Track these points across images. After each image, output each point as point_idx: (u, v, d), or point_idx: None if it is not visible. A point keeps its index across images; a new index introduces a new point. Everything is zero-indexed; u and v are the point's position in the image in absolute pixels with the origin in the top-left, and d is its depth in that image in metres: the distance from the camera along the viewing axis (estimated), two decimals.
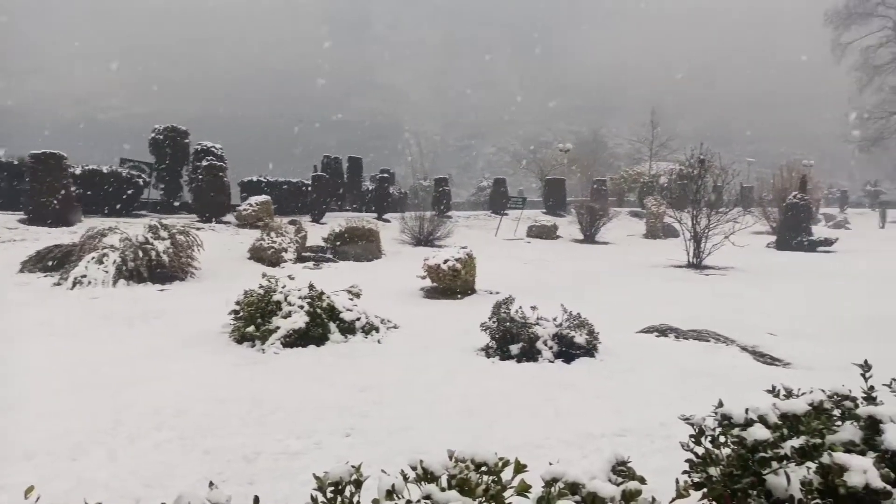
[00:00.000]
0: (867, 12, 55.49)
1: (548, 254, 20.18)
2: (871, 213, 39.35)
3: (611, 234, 24.87)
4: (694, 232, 17.34)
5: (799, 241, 22.38)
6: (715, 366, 6.69)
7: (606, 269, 16.70)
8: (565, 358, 6.93)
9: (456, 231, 22.75)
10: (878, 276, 15.58)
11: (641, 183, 37.56)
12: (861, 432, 2.44)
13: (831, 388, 2.99)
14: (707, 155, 17.71)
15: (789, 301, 11.96)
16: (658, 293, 12.77)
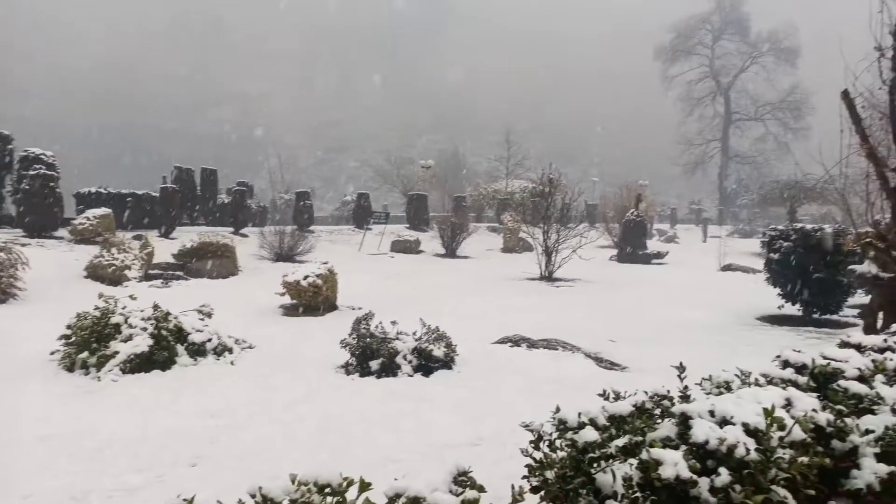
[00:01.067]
0: (688, 50, 62.67)
1: (410, 268, 20.41)
2: (696, 229, 44.15)
3: (471, 249, 25.66)
4: (545, 246, 18.41)
5: (636, 254, 24.56)
6: (562, 373, 7.14)
7: (466, 283, 17.21)
8: (424, 371, 7.05)
9: (318, 246, 22.30)
10: (700, 284, 17.53)
11: (499, 199, 39.20)
12: (676, 428, 2.73)
13: (653, 389, 3.32)
14: (556, 174, 18.92)
15: (628, 309, 13.07)
16: (513, 305, 13.39)
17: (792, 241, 11.62)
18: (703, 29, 62.37)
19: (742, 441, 2.41)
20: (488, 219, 39.35)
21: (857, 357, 3.60)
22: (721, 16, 62.01)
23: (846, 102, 6.80)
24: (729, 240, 27.50)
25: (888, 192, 6.75)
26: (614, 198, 33.43)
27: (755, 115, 61.32)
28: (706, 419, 2.65)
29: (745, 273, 19.93)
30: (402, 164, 49.33)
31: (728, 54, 62.93)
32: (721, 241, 24.47)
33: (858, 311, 9.79)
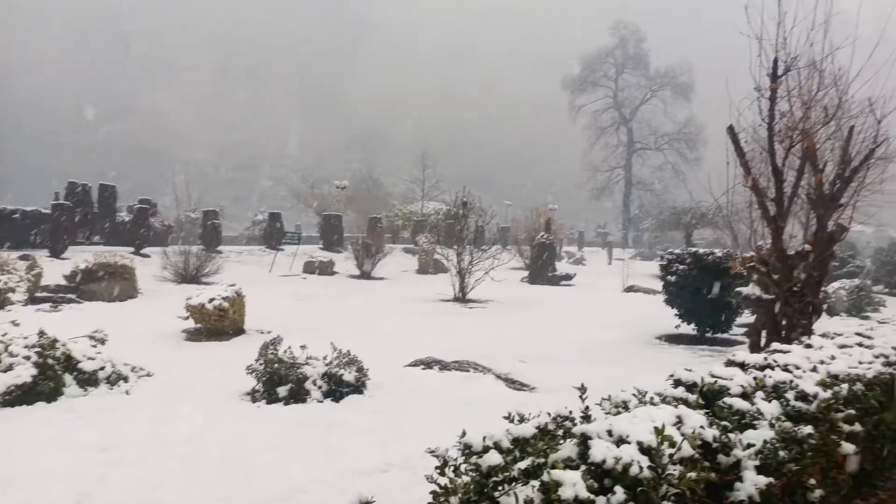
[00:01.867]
0: (594, 82, 66.10)
1: (324, 290, 20.04)
2: (602, 252, 46.15)
3: (386, 270, 25.56)
4: (459, 268, 18.63)
5: (546, 276, 25.32)
6: (473, 394, 7.21)
7: (380, 305, 17.10)
8: (335, 397, 6.91)
9: (227, 267, 21.50)
10: (605, 305, 18.30)
11: (414, 221, 39.41)
12: (577, 449, 2.81)
13: (556, 410, 3.42)
14: (469, 197, 19.27)
15: (538, 329, 13.41)
16: (427, 326, 13.42)
17: (687, 265, 12.39)
18: (608, 62, 65.97)
19: (636, 459, 2.51)
20: (403, 240, 39.42)
21: (741, 375, 3.87)
22: (623, 51, 65.86)
23: (731, 137, 7.38)
24: (632, 262, 28.92)
25: (768, 220, 7.36)
26: (525, 221, 34.38)
27: (655, 145, 65.27)
28: (604, 439, 2.75)
29: (647, 294, 20.98)
30: (317, 184, 48.58)
31: (630, 87, 66.85)
32: (625, 263, 25.69)
33: (745, 330, 10.52)
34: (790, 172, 7.55)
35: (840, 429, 3.87)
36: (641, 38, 66.45)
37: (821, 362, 4.38)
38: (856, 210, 8.48)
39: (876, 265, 30.31)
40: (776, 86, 7.16)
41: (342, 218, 35.42)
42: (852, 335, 5.53)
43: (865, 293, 18.62)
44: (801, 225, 9.11)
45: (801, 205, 8.01)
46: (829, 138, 7.68)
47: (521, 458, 2.74)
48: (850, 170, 7.29)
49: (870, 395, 4.35)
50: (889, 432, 4.77)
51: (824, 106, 7.38)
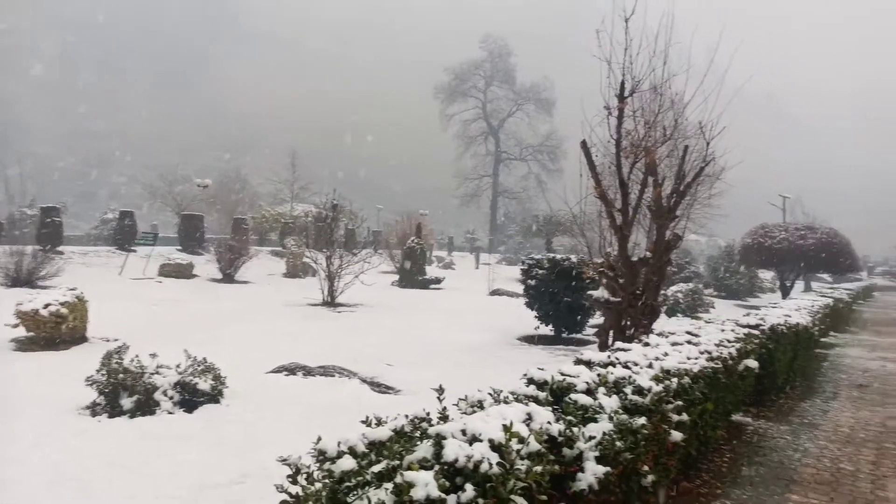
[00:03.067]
0: (464, 92, 68.17)
1: (182, 294, 18.82)
2: (470, 256, 47.53)
3: (251, 274, 24.52)
4: (329, 272, 18.32)
5: (416, 280, 25.61)
6: (337, 400, 7.11)
7: (244, 309, 16.37)
8: (188, 407, 6.52)
9: (69, 269, 19.53)
10: (472, 307, 18.86)
11: (283, 223, 38.20)
12: (432, 449, 2.87)
13: (414, 412, 3.47)
14: (340, 200, 19.03)
15: (406, 332, 13.51)
16: (293, 332, 13.04)
17: (545, 269, 13.09)
18: (477, 74, 68.29)
19: (486, 457, 2.61)
20: (271, 242, 38.13)
21: (587, 372, 4.16)
22: (491, 64, 68.50)
23: (584, 151, 7.92)
24: (498, 267, 30.04)
25: (615, 229, 7.98)
26: (397, 225, 34.57)
27: (520, 156, 68.47)
28: (458, 438, 2.83)
29: (510, 297, 21.88)
30: (178, 182, 45.60)
31: (498, 99, 69.70)
32: (491, 267, 26.62)
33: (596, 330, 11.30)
34: (635, 185, 8.23)
35: (670, 419, 4.27)
36: (509, 52, 69.49)
37: (656, 359, 4.81)
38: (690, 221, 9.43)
39: (708, 271, 33.86)
40: (623, 105, 7.79)
41: (204, 218, 33.50)
42: (683, 334, 6.13)
43: (699, 295, 20.73)
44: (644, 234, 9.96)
45: (644, 215, 8.76)
46: (668, 156, 8.49)
47: (377, 462, 2.74)
48: (684, 185, 8.09)
49: (696, 388, 4.85)
50: (711, 420, 5.35)
51: (664, 126, 8.14)
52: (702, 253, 47.50)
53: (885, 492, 5.20)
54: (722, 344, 5.94)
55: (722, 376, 5.45)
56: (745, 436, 6.71)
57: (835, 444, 6.56)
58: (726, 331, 6.68)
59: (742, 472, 5.56)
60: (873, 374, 11.24)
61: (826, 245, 26.16)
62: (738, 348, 6.13)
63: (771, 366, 7.54)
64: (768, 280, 37.42)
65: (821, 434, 6.91)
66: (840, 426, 7.30)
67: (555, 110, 67.36)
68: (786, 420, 7.45)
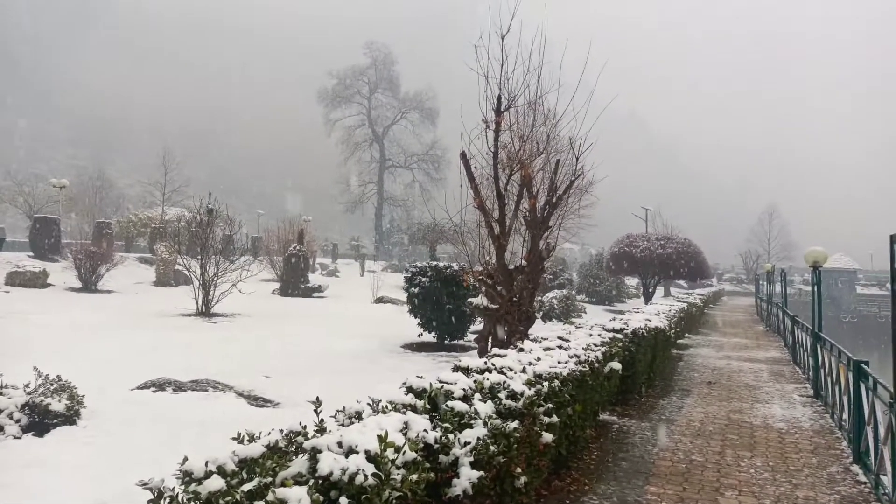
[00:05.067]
0: (348, 98, 67.65)
1: (33, 305, 17.06)
2: (355, 264, 47.08)
3: (116, 283, 22.75)
4: (203, 280, 17.41)
5: (299, 288, 24.96)
6: (212, 415, 6.78)
7: (108, 321, 15.13)
8: (38, 430, 5.94)
9: None
10: (355, 315, 18.71)
11: (153, 228, 35.77)
12: (308, 463, 2.83)
13: (289, 426, 3.40)
14: (216, 205, 18.18)
15: (287, 342, 13.13)
16: (163, 344, 12.24)
17: (429, 277, 13.28)
18: (361, 80, 68.01)
19: (362, 468, 2.62)
20: (140, 249, 35.65)
21: (464, 379, 4.27)
22: (376, 71, 68.54)
23: (463, 162, 8.16)
24: (383, 274, 29.97)
25: (493, 238, 8.29)
26: (279, 231, 33.50)
27: (405, 164, 68.91)
28: (335, 451, 2.81)
29: (395, 304, 21.94)
30: (29, 181, 41.33)
31: (382, 106, 69.80)
32: (376, 275, 26.50)
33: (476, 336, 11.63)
34: (512, 197, 8.59)
35: (541, 421, 4.50)
36: (392, 61, 69.89)
37: (529, 364, 5.03)
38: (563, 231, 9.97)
39: (580, 277, 35.88)
40: (499, 119, 8.12)
41: (60, 221, 30.64)
42: (555, 339, 6.47)
43: (571, 302, 21.92)
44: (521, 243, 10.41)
45: (521, 225, 9.16)
46: (541, 169, 8.94)
47: (249, 480, 2.66)
48: (556, 197, 8.56)
49: (565, 390, 5.13)
50: (580, 421, 5.69)
51: (537, 141, 8.57)
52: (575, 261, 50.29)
53: (728, 479, 5.79)
54: (589, 348, 6.34)
55: (589, 378, 5.81)
56: (611, 434, 7.18)
57: (687, 437, 7.20)
58: (594, 335, 7.13)
59: (608, 468, 5.95)
60: (720, 371, 12.45)
61: (682, 253, 28.62)
62: (603, 352, 6.57)
63: (633, 367, 8.15)
64: (633, 286, 40.31)
65: (676, 429, 7.55)
66: (692, 421, 8.01)
67: (438, 120, 68.55)
68: (646, 417, 8.07)
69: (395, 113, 69.17)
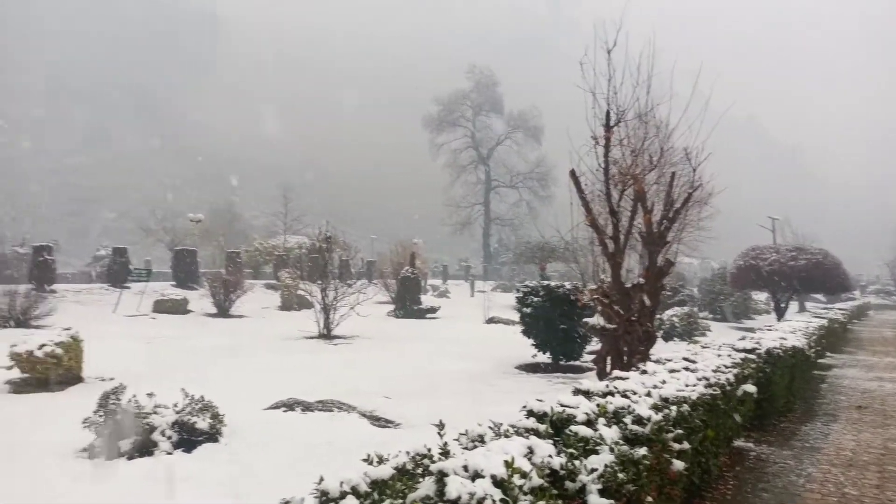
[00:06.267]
0: (453, 122, 69.00)
1: (177, 330, 18.71)
2: (465, 284, 47.53)
3: (246, 308, 24.45)
4: (324, 304, 18.28)
5: (412, 309, 25.56)
6: (338, 435, 7.06)
7: (240, 344, 16.28)
8: (187, 447, 6.46)
9: (63, 308, 19.44)
10: (468, 336, 18.82)
11: (276, 256, 38.17)
12: (435, 486, 2.88)
13: (415, 448, 3.47)
14: (333, 232, 19.11)
15: (403, 363, 13.46)
16: (289, 366, 12.97)
17: (540, 297, 13.13)
18: (465, 104, 69.18)
19: (489, 493, 2.62)
20: (265, 275, 38.03)
21: (586, 402, 4.17)
22: (479, 94, 69.46)
23: (573, 180, 8.05)
24: (493, 294, 30.06)
25: (608, 256, 8.07)
26: (391, 255, 34.58)
27: (511, 183, 68.96)
28: (460, 475, 2.84)
29: (506, 325, 21.86)
30: (169, 218, 45.59)
31: (486, 128, 70.50)
32: (486, 295, 26.63)
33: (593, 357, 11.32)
34: (625, 213, 8.35)
35: (671, 448, 4.28)
36: (495, 82, 70.52)
37: (654, 387, 4.83)
38: (682, 245, 9.53)
39: (702, 293, 33.95)
40: (609, 135, 7.94)
41: (197, 253, 33.46)
42: (680, 360, 6.16)
43: (694, 319, 20.78)
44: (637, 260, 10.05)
45: (636, 241, 8.86)
46: (655, 183, 8.62)
47: (380, 501, 2.75)
48: (673, 211, 8.21)
49: (695, 415, 4.87)
50: (713, 447, 5.36)
51: (650, 154, 8.29)
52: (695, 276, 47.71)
53: None
54: (719, 370, 5.97)
55: (721, 402, 5.47)
56: (747, 462, 6.70)
57: (838, 467, 6.56)
58: (723, 356, 6.71)
59: (747, 499, 5.54)
60: (872, 395, 11.26)
61: (817, 266, 26.36)
62: (735, 373, 6.16)
63: (769, 390, 7.56)
64: (762, 302, 37.56)
65: (823, 458, 6.91)
66: (842, 449, 7.29)
67: (543, 137, 68.17)
68: (787, 444, 7.44)
69: (500, 133, 69.64)
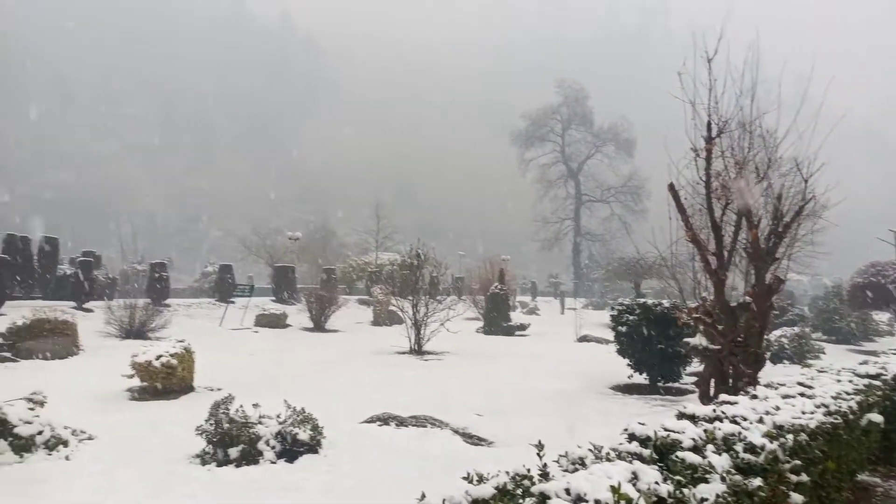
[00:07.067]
0: (541, 137, 68.41)
1: (277, 343, 19.61)
2: (555, 301, 46.81)
3: (340, 322, 25.23)
4: (415, 319, 18.55)
5: (501, 326, 25.44)
6: (431, 450, 7.12)
7: (335, 358, 16.81)
8: (289, 457, 6.73)
9: (175, 321, 20.86)
10: (559, 354, 18.47)
11: (369, 272, 39.21)
12: None
13: (514, 468, 3.44)
14: (424, 249, 19.40)
15: (494, 380, 13.39)
16: (383, 380, 13.23)
17: (636, 315, 12.70)
18: (554, 119, 68.47)
19: None
20: (358, 291, 39.09)
21: (692, 428, 3.98)
22: (568, 108, 68.55)
23: (672, 194, 7.76)
24: (584, 312, 29.40)
25: (710, 273, 7.70)
26: (479, 271, 34.67)
27: (601, 198, 67.35)
28: (563, 498, 2.78)
29: (599, 344, 21.29)
30: (269, 235, 47.99)
31: (576, 142, 69.36)
32: (577, 313, 26.08)
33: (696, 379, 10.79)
34: (728, 227, 7.95)
35: (788, 479, 4.00)
36: (585, 96, 69.39)
37: (766, 413, 4.54)
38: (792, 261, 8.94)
39: (814, 313, 31.58)
40: (710, 146, 7.61)
41: (295, 269, 34.98)
42: (794, 385, 5.75)
43: (805, 340, 19.35)
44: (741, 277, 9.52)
45: (741, 257, 8.41)
46: (762, 195, 8.16)
47: None
48: (782, 225, 7.73)
49: (814, 445, 4.52)
50: (834, 481, 4.95)
51: (756, 165, 7.86)
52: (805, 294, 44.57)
53: None
54: (840, 396, 5.53)
55: (843, 432, 5.06)
56: (874, 498, 6.14)
57: None
58: (843, 381, 6.21)
59: None
60: None
61: None
62: (858, 401, 5.67)
63: None
64: (884, 323, 34.42)
65: None
66: None
67: (636, 150, 66.29)
68: None
69: (590, 147, 68.39)
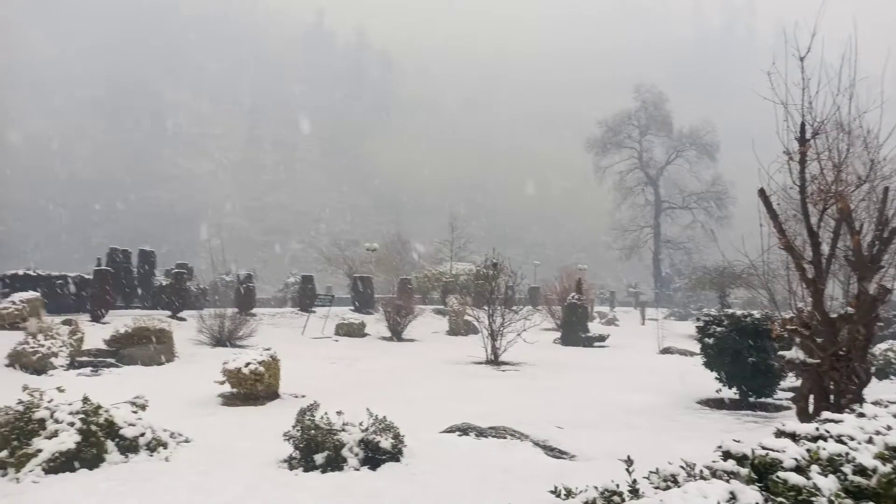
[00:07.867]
0: (618, 143, 66.69)
1: (356, 352, 20.06)
2: (634, 312, 45.47)
3: (417, 332, 25.52)
4: (491, 329, 18.51)
5: (579, 337, 24.95)
6: (512, 463, 7.07)
7: (412, 367, 17.01)
8: (372, 464, 6.85)
9: (260, 330, 21.73)
10: (641, 367, 17.91)
11: (444, 282, 39.49)
12: None
13: (602, 483, 3.37)
14: (499, 259, 19.36)
15: (573, 392, 13.15)
16: (460, 390, 13.28)
17: (724, 327, 12.14)
18: (631, 124, 66.67)
19: None
20: (433, 301, 39.38)
21: (793, 447, 3.77)
22: (646, 113, 66.57)
23: (763, 200, 7.39)
24: (666, 322, 28.40)
25: (807, 282, 7.27)
26: (555, 281, 34.20)
27: (683, 204, 64.87)
28: None
29: (683, 356, 20.50)
30: (347, 246, 49.29)
31: (655, 148, 67.17)
32: (658, 323, 25.24)
33: (792, 394, 10.20)
34: (826, 234, 7.49)
35: None
36: (664, 100, 67.22)
37: (876, 433, 4.23)
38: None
39: None
40: (805, 149, 7.21)
41: (372, 280, 35.71)
42: None
43: None
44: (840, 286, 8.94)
45: (840, 266, 7.91)
46: (864, 199, 7.64)
47: None
48: (888, 230, 7.21)
49: None
50: None
51: (856, 167, 7.39)
52: None
53: None
54: None
55: None
56: None
57: None
58: None
59: None
60: None
61: None
62: None
63: None
64: None
65: None
66: None
67: (718, 154, 63.59)
68: None
69: (670, 152, 66.11)
